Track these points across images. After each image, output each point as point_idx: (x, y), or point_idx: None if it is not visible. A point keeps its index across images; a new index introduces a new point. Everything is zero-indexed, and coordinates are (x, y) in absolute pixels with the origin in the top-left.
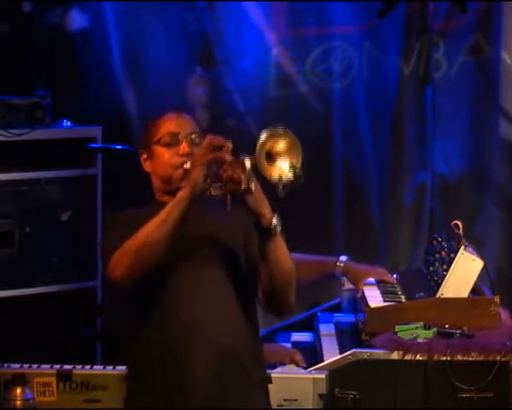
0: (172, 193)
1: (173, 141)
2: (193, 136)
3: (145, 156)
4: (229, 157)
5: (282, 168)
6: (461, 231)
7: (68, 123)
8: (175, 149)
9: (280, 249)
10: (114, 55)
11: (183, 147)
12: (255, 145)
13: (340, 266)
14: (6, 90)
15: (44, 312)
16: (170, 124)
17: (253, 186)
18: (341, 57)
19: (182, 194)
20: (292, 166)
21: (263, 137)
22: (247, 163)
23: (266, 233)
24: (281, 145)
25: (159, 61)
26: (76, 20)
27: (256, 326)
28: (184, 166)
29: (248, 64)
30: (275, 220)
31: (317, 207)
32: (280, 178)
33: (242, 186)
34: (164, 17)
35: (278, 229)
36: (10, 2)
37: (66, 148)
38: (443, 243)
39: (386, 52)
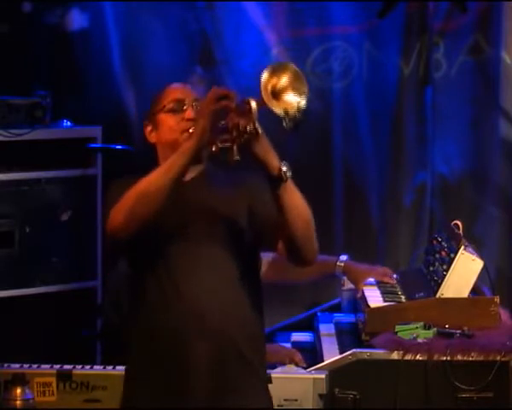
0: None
1: (178, 107)
2: (198, 102)
3: (150, 128)
4: (233, 104)
5: (290, 101)
6: (461, 231)
7: (68, 123)
8: (180, 115)
9: (294, 195)
10: (114, 55)
11: (189, 112)
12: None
13: (340, 266)
14: (6, 90)
15: (44, 312)
16: (175, 92)
17: (259, 128)
18: (341, 57)
19: (188, 144)
20: (299, 95)
21: (265, 75)
22: (253, 104)
23: (277, 181)
24: (284, 79)
25: (159, 61)
26: (76, 20)
27: (261, 310)
28: (190, 130)
29: (248, 64)
30: (284, 167)
31: (317, 207)
32: (286, 112)
33: (248, 128)
34: (164, 17)
35: (289, 174)
36: (10, 2)
37: (66, 148)
38: (443, 243)
39: (386, 52)
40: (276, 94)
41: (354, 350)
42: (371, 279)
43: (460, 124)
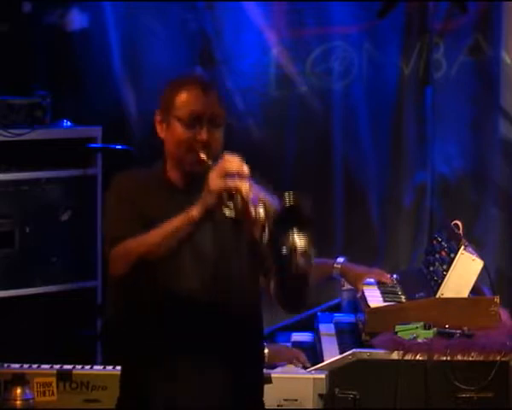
0: (181, 170)
1: (193, 123)
2: (215, 120)
3: (160, 119)
4: (244, 187)
5: (294, 237)
6: (461, 231)
7: (68, 123)
8: (193, 132)
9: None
10: (114, 55)
11: (203, 133)
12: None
13: (337, 268)
14: (6, 90)
15: (44, 312)
16: (193, 102)
17: (265, 235)
18: (341, 57)
19: (193, 214)
20: (302, 238)
21: (285, 201)
22: (261, 212)
23: None
24: (297, 214)
25: (159, 61)
26: (76, 20)
27: (261, 336)
28: (200, 154)
29: (248, 64)
30: None
31: (316, 207)
32: (291, 244)
33: (254, 230)
34: (164, 17)
35: None
36: (10, 2)
37: (66, 148)
38: (443, 243)
39: (386, 52)
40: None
41: (354, 350)
42: (370, 279)
43: (460, 124)
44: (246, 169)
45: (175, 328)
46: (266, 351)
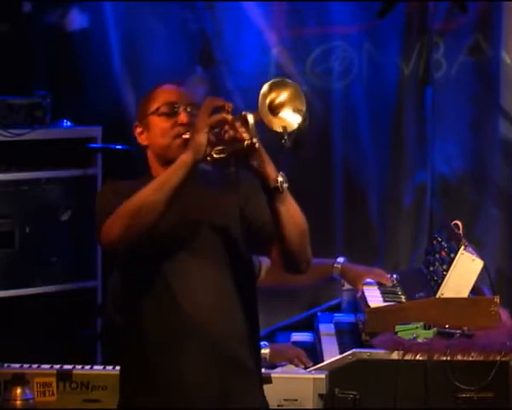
0: (170, 164)
1: (171, 110)
2: (192, 107)
3: (140, 130)
4: (230, 117)
5: (287, 118)
6: (461, 231)
7: (68, 123)
8: (173, 119)
9: (291, 207)
10: (114, 56)
11: (182, 116)
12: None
13: (337, 268)
14: (6, 90)
15: (44, 312)
16: (168, 94)
17: (256, 141)
18: (341, 57)
19: (184, 158)
20: (297, 113)
21: (264, 88)
22: (250, 118)
23: (274, 193)
24: (283, 95)
25: (159, 61)
26: (76, 20)
27: (256, 319)
28: (184, 136)
29: (248, 64)
30: (281, 178)
31: (316, 207)
32: (285, 129)
33: (245, 142)
34: (164, 17)
35: (285, 186)
36: (10, 2)
37: (66, 148)
38: (443, 243)
39: (386, 52)
40: (274, 110)
41: (354, 350)
42: (370, 280)
43: (460, 124)
44: (230, 104)
45: (169, 303)
46: (268, 350)
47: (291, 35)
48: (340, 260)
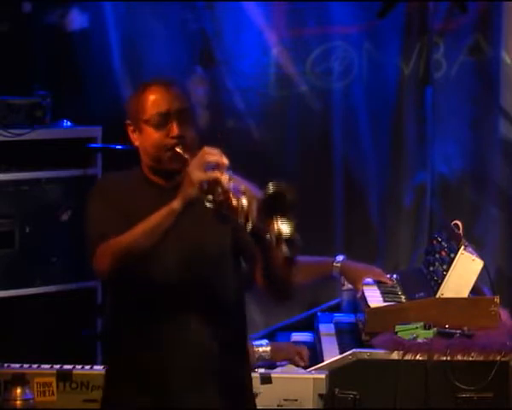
0: (161, 173)
1: (163, 122)
2: (183, 114)
3: (132, 128)
4: (224, 178)
5: (278, 224)
6: (461, 231)
7: (68, 123)
8: (164, 130)
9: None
10: (114, 56)
11: (174, 129)
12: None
13: (337, 267)
14: (6, 90)
15: (44, 312)
16: (158, 102)
17: (249, 224)
18: (341, 57)
19: (174, 206)
20: (286, 224)
21: (269, 190)
22: (244, 202)
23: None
24: (281, 201)
25: (159, 61)
26: (76, 20)
27: (245, 336)
28: (175, 148)
29: (248, 64)
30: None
31: (317, 207)
32: (275, 232)
33: (239, 220)
34: (164, 17)
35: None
36: (10, 2)
37: (66, 148)
38: (443, 243)
39: (386, 52)
40: (267, 212)
41: (354, 350)
42: (370, 279)
43: (460, 124)
44: (225, 160)
45: (156, 315)
46: (269, 348)
47: (291, 35)
48: (340, 258)
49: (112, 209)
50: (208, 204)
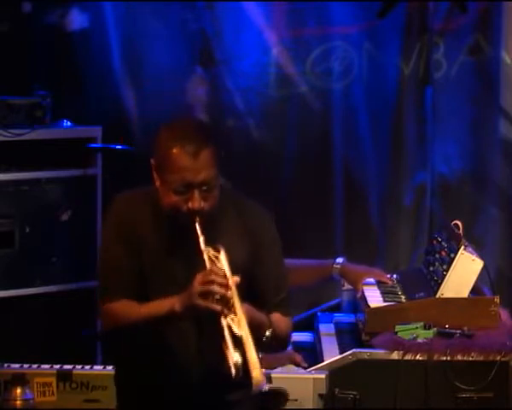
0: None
1: (185, 190)
2: (207, 184)
3: (155, 166)
4: (226, 313)
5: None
6: (461, 231)
7: (68, 123)
8: (185, 196)
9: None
10: (114, 55)
11: (194, 201)
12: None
13: (337, 268)
14: (6, 90)
15: (44, 312)
16: (184, 168)
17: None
18: (341, 57)
19: (175, 307)
20: None
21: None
22: (238, 359)
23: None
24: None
25: (159, 61)
26: (76, 20)
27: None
28: (193, 222)
29: (248, 64)
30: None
31: (316, 207)
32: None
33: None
34: (164, 17)
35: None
36: (10, 2)
37: (66, 148)
38: (443, 243)
39: (386, 52)
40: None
41: (354, 350)
42: (370, 279)
43: (460, 124)
44: (230, 293)
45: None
46: (260, 356)
47: (291, 35)
48: (340, 260)
49: (125, 247)
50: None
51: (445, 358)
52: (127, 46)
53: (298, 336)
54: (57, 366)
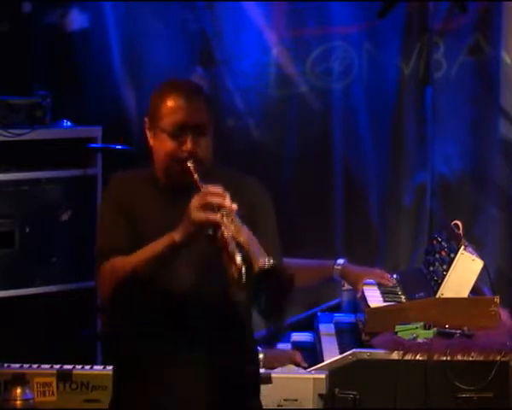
0: (171, 184)
1: (177, 133)
2: (200, 129)
3: (148, 125)
4: (225, 225)
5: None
6: (461, 231)
7: (68, 123)
8: (179, 141)
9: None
10: (114, 55)
11: (188, 143)
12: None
13: (337, 269)
14: (6, 90)
15: (44, 312)
16: (176, 111)
17: (243, 280)
18: (341, 57)
19: (175, 238)
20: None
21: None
22: (238, 260)
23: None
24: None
25: (159, 61)
26: (76, 20)
27: (250, 330)
28: (187, 163)
29: (248, 64)
30: (268, 262)
31: (316, 207)
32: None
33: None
34: (164, 17)
35: (271, 263)
36: (10, 2)
37: (66, 148)
38: (443, 243)
39: (386, 52)
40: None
41: (354, 350)
42: (370, 280)
43: (460, 124)
44: (228, 203)
45: (158, 335)
46: (261, 356)
47: (291, 35)
48: (341, 261)
49: (122, 217)
50: (209, 242)
51: (445, 358)
52: (127, 46)
53: (298, 336)
54: (57, 366)
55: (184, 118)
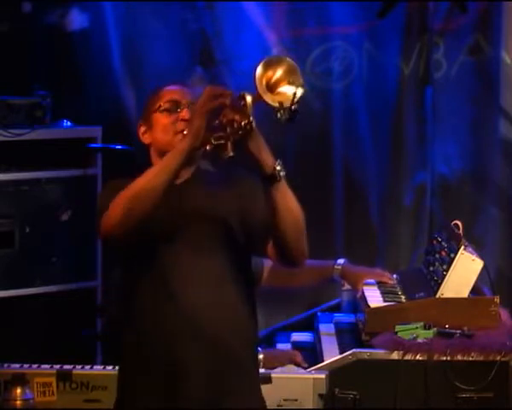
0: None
1: (174, 107)
2: (194, 105)
3: (143, 129)
4: (228, 102)
5: (285, 93)
6: (461, 231)
7: (68, 123)
8: (175, 115)
9: (287, 195)
10: (114, 55)
11: (184, 113)
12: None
13: (337, 270)
14: (6, 90)
15: (44, 312)
16: (171, 93)
17: (253, 123)
18: (341, 57)
19: (182, 144)
20: (295, 88)
21: (259, 68)
22: (248, 98)
23: (270, 180)
24: (279, 72)
25: (159, 61)
26: (76, 20)
27: (254, 312)
28: (184, 132)
29: (248, 64)
30: (278, 166)
31: (316, 208)
32: (282, 104)
33: (243, 123)
34: (164, 17)
35: (282, 174)
36: (10, 2)
37: (66, 148)
38: (443, 243)
39: (386, 52)
40: (271, 87)
41: (354, 350)
42: (370, 280)
43: (460, 124)
44: (229, 92)
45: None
46: (261, 356)
47: (291, 35)
48: (341, 261)
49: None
50: (216, 140)
51: (445, 358)
52: (127, 46)
53: (298, 336)
54: (57, 366)
55: (180, 95)
